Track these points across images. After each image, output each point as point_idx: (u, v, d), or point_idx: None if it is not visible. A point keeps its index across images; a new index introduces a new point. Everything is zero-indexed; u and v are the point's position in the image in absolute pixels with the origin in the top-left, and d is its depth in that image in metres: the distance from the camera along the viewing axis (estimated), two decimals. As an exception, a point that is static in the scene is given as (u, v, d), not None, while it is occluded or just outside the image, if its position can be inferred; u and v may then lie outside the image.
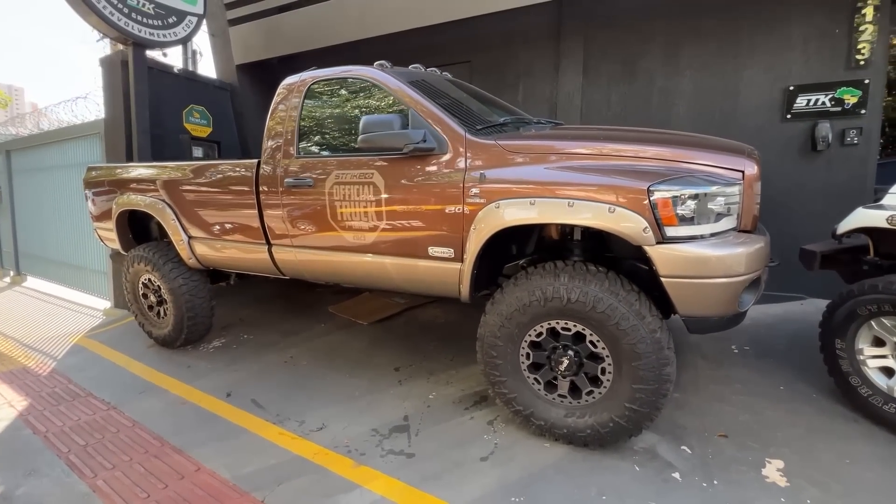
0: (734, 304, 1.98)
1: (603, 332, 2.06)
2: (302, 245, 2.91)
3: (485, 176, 2.23)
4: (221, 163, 3.26)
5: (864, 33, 3.52)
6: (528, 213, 2.10)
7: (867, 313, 2.27)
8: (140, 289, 3.82)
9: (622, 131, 2.80)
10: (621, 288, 2.04)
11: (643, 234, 1.91)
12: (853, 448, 2.18)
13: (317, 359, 3.50)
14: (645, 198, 1.90)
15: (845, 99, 3.62)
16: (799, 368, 2.90)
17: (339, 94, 2.82)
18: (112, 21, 4.38)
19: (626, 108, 4.46)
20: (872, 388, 2.30)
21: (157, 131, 4.87)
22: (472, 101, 2.96)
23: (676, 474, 2.06)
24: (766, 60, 3.88)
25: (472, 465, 2.20)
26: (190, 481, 2.22)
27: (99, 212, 4.05)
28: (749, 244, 1.99)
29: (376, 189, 2.51)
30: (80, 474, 2.31)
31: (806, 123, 3.78)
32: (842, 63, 3.64)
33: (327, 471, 2.23)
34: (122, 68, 4.71)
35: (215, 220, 3.30)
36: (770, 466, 2.08)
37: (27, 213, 6.99)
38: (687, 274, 1.92)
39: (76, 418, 2.86)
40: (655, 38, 4.26)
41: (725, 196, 1.96)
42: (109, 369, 3.61)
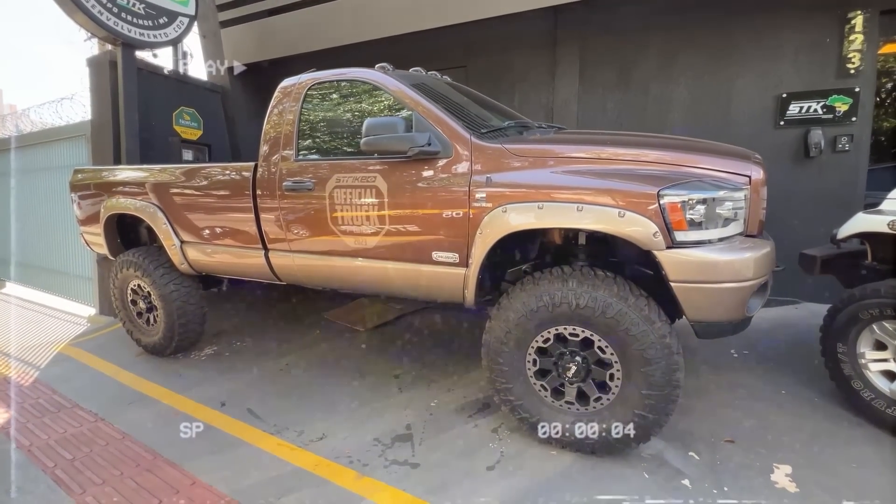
0: (742, 308, 1.98)
1: (612, 337, 2.04)
2: (300, 250, 2.84)
3: (491, 179, 2.20)
4: (216, 166, 3.18)
5: (853, 43, 3.60)
6: (536, 217, 2.08)
7: (869, 317, 2.29)
8: (129, 295, 3.69)
9: (628, 136, 2.80)
10: (630, 293, 2.02)
11: (653, 239, 1.90)
12: (859, 452, 2.18)
13: (313, 366, 3.42)
14: (655, 202, 1.89)
15: (836, 106, 3.69)
16: (799, 373, 2.91)
17: (338, 97, 2.77)
18: (100, 20, 4.27)
19: (621, 115, 4.48)
20: (875, 392, 2.31)
21: (146, 133, 4.75)
22: (473, 105, 2.94)
23: (686, 481, 2.04)
24: (759, 68, 3.94)
25: (478, 474, 2.15)
26: (186, 496, 2.13)
27: (85, 216, 3.92)
28: (756, 249, 2.00)
29: (379, 193, 2.46)
30: (68, 490, 2.20)
31: (798, 130, 3.84)
32: (833, 72, 3.72)
33: (330, 483, 2.16)
34: (111, 69, 4.60)
35: (209, 225, 3.21)
36: (779, 472, 2.07)
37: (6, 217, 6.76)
38: (697, 279, 1.91)
39: (62, 431, 2.74)
40: (650, 46, 4.31)
41: (733, 201, 1.96)
42: (96, 379, 3.48)
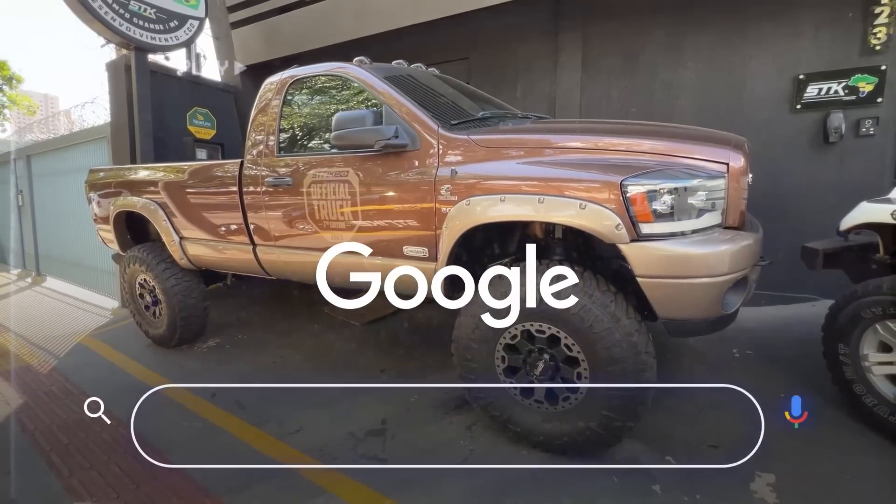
0: (717, 305, 1.85)
1: (577, 335, 1.95)
2: (284, 245, 2.88)
3: (456, 172, 2.15)
4: (207, 163, 3.28)
5: (880, 16, 3.29)
6: (499, 210, 2.02)
7: (872, 316, 2.09)
8: (137, 289, 3.87)
9: (603, 124, 2.68)
10: (596, 289, 1.93)
11: (615, 232, 1.80)
12: (856, 462, 2.01)
13: (306, 360, 3.47)
14: (618, 193, 1.79)
15: (860, 87, 3.39)
16: (803, 375, 2.70)
17: (317, 92, 2.78)
18: (114, 27, 4.48)
19: (626, 103, 4.30)
20: (878, 398, 2.11)
21: (160, 134, 4.95)
22: (457, 97, 2.88)
23: (657, 487, 1.93)
24: (774, 48, 3.68)
25: (443, 472, 2.12)
26: (162, 482, 2.21)
27: (100, 213, 4.13)
28: (735, 241, 1.86)
29: (351, 187, 2.46)
30: (57, 473, 2.33)
31: (817, 114, 3.56)
32: (856, 49, 3.41)
33: (297, 475, 2.18)
34: (126, 72, 4.81)
35: (204, 221, 3.30)
36: (760, 480, 1.93)
37: (46, 216, 7.25)
38: (664, 273, 1.80)
39: (65, 417, 2.90)
40: (656, 29, 4.10)
41: (708, 190, 1.83)
42: (106, 369, 3.67)
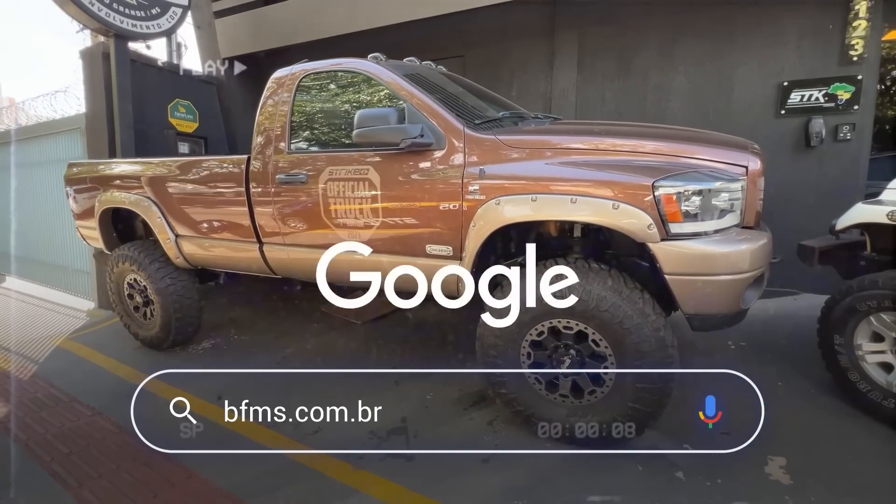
0: (738, 301, 1.96)
1: (606, 330, 2.02)
2: (294, 243, 2.82)
3: (484, 171, 2.17)
4: (210, 159, 3.16)
5: (857, 29, 3.54)
6: (530, 209, 2.06)
7: (866, 309, 2.27)
8: (125, 289, 3.69)
9: (623, 126, 2.77)
10: (624, 286, 2.00)
11: (647, 231, 1.88)
12: (854, 444, 2.18)
13: (311, 359, 3.42)
14: (649, 194, 1.87)
15: (838, 94, 3.64)
16: (796, 364, 2.90)
17: (331, 88, 2.74)
18: (92, 11, 4.21)
19: (620, 104, 4.43)
20: (871, 384, 2.30)
21: (140, 126, 4.70)
22: (468, 96, 2.89)
23: (680, 473, 2.04)
24: (759, 56, 3.88)
25: (473, 467, 2.15)
26: (181, 490, 2.14)
27: (81, 210, 3.91)
28: (753, 241, 1.98)
29: (372, 185, 2.44)
30: (64, 484, 2.21)
31: (800, 119, 3.79)
32: (835, 59, 3.65)
33: (324, 476, 2.16)
34: (104, 61, 4.53)
35: (204, 218, 3.19)
36: (773, 464, 2.06)
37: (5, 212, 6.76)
38: (691, 271, 1.89)
39: (59, 425, 2.75)
40: (650, 34, 4.24)
41: (729, 192, 1.93)
42: (94, 373, 3.49)
